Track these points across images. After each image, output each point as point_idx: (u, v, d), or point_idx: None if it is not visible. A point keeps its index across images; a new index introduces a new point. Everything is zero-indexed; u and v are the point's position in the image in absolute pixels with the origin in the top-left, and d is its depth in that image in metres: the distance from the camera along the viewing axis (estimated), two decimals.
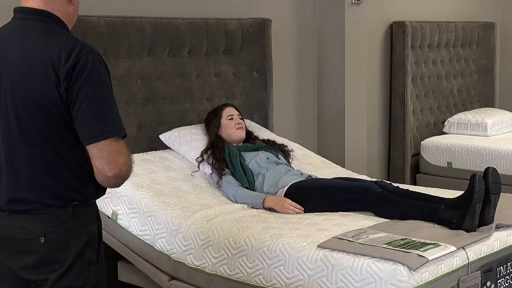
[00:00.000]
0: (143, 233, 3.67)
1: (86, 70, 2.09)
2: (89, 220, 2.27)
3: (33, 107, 2.13)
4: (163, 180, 3.90)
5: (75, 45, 2.13)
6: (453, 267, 3.02)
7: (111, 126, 2.12)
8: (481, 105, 6.87)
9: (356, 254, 2.98)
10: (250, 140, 4.29)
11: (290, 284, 3.10)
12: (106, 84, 2.14)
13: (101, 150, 2.11)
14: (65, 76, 2.09)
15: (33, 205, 2.18)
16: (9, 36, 2.22)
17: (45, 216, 2.18)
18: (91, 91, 2.10)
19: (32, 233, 2.17)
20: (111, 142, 2.11)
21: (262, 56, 4.88)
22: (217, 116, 4.27)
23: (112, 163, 2.12)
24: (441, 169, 5.91)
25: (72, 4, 2.27)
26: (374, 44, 5.91)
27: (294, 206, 3.71)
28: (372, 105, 5.89)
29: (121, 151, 2.13)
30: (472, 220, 3.25)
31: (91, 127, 2.10)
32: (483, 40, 6.86)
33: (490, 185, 3.27)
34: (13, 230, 2.19)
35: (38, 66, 2.11)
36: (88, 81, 2.10)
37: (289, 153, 4.32)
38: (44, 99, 2.11)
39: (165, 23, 4.33)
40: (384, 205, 3.55)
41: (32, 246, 2.18)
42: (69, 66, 2.08)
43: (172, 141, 4.26)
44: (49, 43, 2.13)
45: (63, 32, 2.21)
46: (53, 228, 2.18)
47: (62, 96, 2.10)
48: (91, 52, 2.13)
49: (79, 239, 2.21)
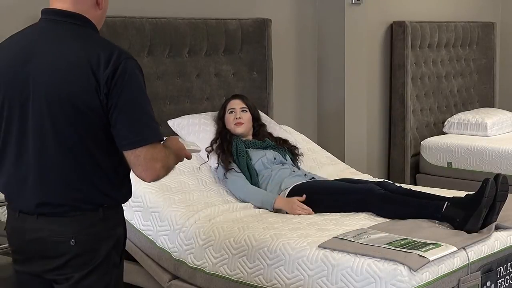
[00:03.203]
0: (146, 228, 3.67)
1: (126, 76, 2.09)
2: (118, 222, 2.28)
3: (69, 108, 2.10)
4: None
5: (113, 50, 2.12)
6: (453, 267, 3.02)
7: (147, 133, 2.12)
8: (481, 105, 6.87)
9: (357, 254, 2.98)
10: (259, 137, 4.23)
11: (290, 284, 3.10)
12: (144, 90, 2.15)
13: (138, 158, 2.11)
14: (106, 81, 2.07)
15: (63, 208, 2.16)
16: (39, 37, 2.18)
17: (76, 218, 2.16)
18: (130, 97, 2.10)
19: (61, 236, 2.16)
20: (148, 149, 2.11)
21: (262, 56, 4.87)
22: (223, 108, 4.25)
23: (149, 170, 2.13)
24: (441, 169, 5.91)
25: (100, 8, 2.27)
26: (374, 44, 5.91)
27: (302, 208, 3.70)
28: (372, 105, 5.89)
29: (157, 157, 2.12)
30: (476, 223, 3.25)
31: (128, 133, 2.10)
32: (483, 40, 6.86)
33: (498, 193, 3.27)
34: (42, 233, 2.17)
35: (76, 69, 2.09)
36: (128, 87, 2.10)
37: (298, 155, 4.28)
38: (83, 103, 2.09)
39: (165, 23, 4.33)
40: (387, 206, 3.55)
41: (61, 248, 2.16)
42: (109, 72, 2.07)
43: (181, 128, 4.23)
44: (86, 47, 2.12)
45: (98, 36, 2.21)
46: (83, 230, 2.16)
47: (102, 101, 2.09)
48: (129, 57, 2.14)
49: (108, 241, 2.21)
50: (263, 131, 4.29)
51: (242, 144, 4.07)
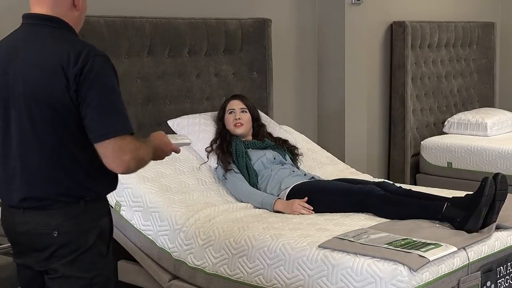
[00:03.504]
0: (146, 227, 3.67)
1: (94, 72, 2.19)
2: (101, 214, 2.35)
3: (45, 108, 2.22)
4: (168, 173, 3.89)
5: (83, 48, 2.22)
6: (453, 267, 3.03)
7: (116, 126, 2.20)
8: (481, 105, 6.87)
9: (357, 254, 2.98)
10: (259, 137, 4.23)
11: (290, 284, 3.10)
12: (113, 85, 2.23)
13: (106, 149, 2.19)
14: (74, 78, 2.18)
15: (46, 201, 2.26)
16: (20, 41, 2.31)
17: (58, 211, 2.26)
18: (98, 92, 2.19)
19: (45, 228, 2.26)
20: (116, 141, 2.19)
21: (262, 56, 4.87)
22: (223, 108, 4.25)
23: (117, 161, 2.20)
24: (441, 169, 5.92)
25: (77, 10, 2.37)
26: (374, 44, 5.91)
27: (303, 206, 3.70)
28: (372, 105, 5.89)
29: (126, 148, 2.20)
30: (476, 222, 3.25)
31: (96, 127, 2.19)
32: (483, 40, 6.86)
33: (497, 192, 3.27)
34: (28, 226, 2.28)
35: (49, 70, 2.21)
36: (95, 83, 2.19)
37: (298, 155, 4.28)
38: (55, 100, 2.20)
39: (165, 23, 4.33)
40: (387, 207, 3.55)
41: (45, 240, 2.26)
42: (78, 69, 2.18)
43: (180, 129, 4.23)
44: (59, 48, 2.23)
45: (72, 37, 2.31)
46: (65, 222, 2.26)
47: (72, 98, 2.19)
48: (98, 54, 2.23)
49: (91, 232, 2.29)
50: (263, 131, 4.29)
51: (241, 144, 4.07)
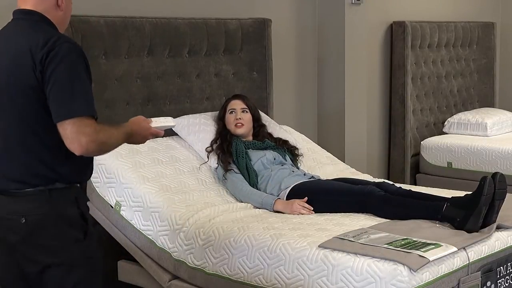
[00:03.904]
0: (146, 227, 3.67)
1: (59, 56, 2.27)
2: (67, 203, 2.41)
3: (14, 91, 2.32)
4: (168, 173, 3.89)
5: (53, 35, 2.33)
6: (453, 267, 3.02)
7: (74, 107, 2.26)
8: (481, 105, 6.87)
9: (357, 254, 2.98)
10: (259, 137, 4.23)
11: (290, 284, 3.10)
12: (76, 69, 2.29)
13: (65, 131, 2.27)
14: (40, 60, 2.28)
15: (15, 184, 2.36)
16: (5, 33, 2.46)
17: (26, 198, 2.36)
18: (61, 75, 2.27)
19: (14, 214, 2.36)
20: (74, 122, 2.25)
21: (262, 56, 4.87)
22: (224, 108, 4.24)
23: (75, 143, 2.26)
24: (441, 169, 5.91)
25: (61, 9, 2.46)
26: (374, 44, 5.91)
27: (303, 206, 3.70)
28: (372, 105, 5.89)
29: (84, 131, 2.25)
30: (476, 222, 3.25)
31: (57, 108, 2.28)
32: (483, 40, 6.86)
33: (496, 192, 3.27)
34: (1, 211, 2.40)
35: (19, 56, 2.32)
36: (60, 66, 2.27)
37: (298, 156, 4.28)
38: (22, 82, 2.30)
39: (165, 23, 4.33)
40: (387, 207, 3.55)
41: (15, 225, 2.36)
42: (44, 52, 2.28)
43: (181, 129, 4.23)
44: (31, 35, 2.34)
45: (47, 28, 2.40)
46: (32, 210, 2.36)
47: (38, 79, 2.29)
48: (67, 42, 2.32)
49: (57, 221, 2.37)
50: (263, 131, 4.28)
51: (242, 144, 4.07)
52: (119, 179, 3.76)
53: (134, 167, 3.81)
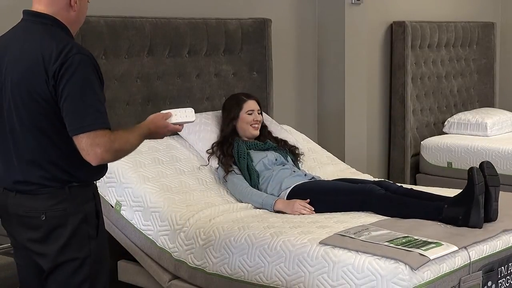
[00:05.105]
0: (146, 227, 3.66)
1: (72, 69, 2.31)
2: (85, 199, 2.49)
3: (28, 101, 2.37)
4: (169, 173, 3.89)
5: (65, 46, 2.34)
6: (454, 266, 3.02)
7: (89, 121, 2.33)
8: (481, 105, 6.87)
9: (358, 251, 2.97)
10: (262, 138, 4.21)
11: (291, 281, 3.10)
12: (89, 81, 2.34)
13: (81, 143, 2.35)
14: (53, 74, 2.32)
15: (35, 186, 2.43)
16: (14, 36, 2.47)
17: (45, 196, 2.43)
18: (73, 89, 2.32)
19: (34, 211, 2.43)
20: (89, 135, 2.33)
21: (262, 56, 4.87)
22: (238, 107, 4.18)
23: (91, 155, 2.35)
24: (441, 169, 5.91)
25: (74, 10, 2.47)
26: (374, 44, 5.91)
27: (304, 206, 3.70)
28: (372, 105, 5.89)
29: (98, 142, 2.33)
30: (478, 214, 3.24)
31: (71, 121, 2.34)
32: (483, 40, 6.86)
33: (487, 178, 3.29)
34: (19, 209, 2.46)
35: (32, 65, 2.36)
36: (72, 79, 2.32)
37: (299, 156, 4.27)
38: (36, 94, 2.36)
39: (165, 23, 4.33)
40: (388, 206, 3.54)
41: (34, 222, 2.43)
42: (57, 65, 2.31)
43: None
44: (43, 44, 2.36)
45: (60, 33, 2.42)
46: (52, 207, 2.42)
47: (51, 92, 2.35)
48: (79, 53, 2.35)
49: (75, 216, 2.44)
50: (265, 132, 4.29)
51: (243, 145, 4.06)
52: (119, 178, 3.76)
53: (135, 167, 3.80)
